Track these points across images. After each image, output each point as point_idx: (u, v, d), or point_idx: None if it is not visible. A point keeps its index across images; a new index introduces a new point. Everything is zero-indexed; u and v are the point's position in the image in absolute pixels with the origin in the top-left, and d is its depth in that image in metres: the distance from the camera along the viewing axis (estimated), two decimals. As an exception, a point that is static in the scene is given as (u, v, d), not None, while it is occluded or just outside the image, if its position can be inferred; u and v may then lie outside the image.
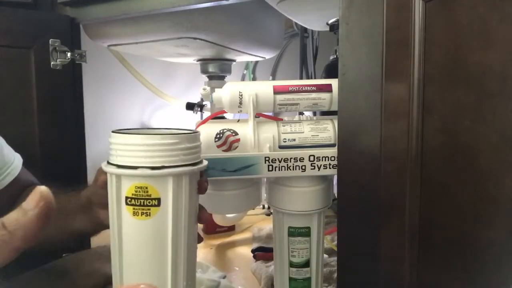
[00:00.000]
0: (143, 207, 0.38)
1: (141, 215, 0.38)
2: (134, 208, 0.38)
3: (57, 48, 0.78)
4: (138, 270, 0.40)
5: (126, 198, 0.38)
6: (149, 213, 0.38)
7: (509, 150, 0.32)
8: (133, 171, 0.37)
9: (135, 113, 1.44)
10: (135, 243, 0.39)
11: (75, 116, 0.83)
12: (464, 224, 0.36)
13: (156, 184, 0.37)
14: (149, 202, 0.38)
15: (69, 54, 0.79)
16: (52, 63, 0.77)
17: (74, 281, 0.59)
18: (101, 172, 0.41)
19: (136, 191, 0.37)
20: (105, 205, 0.40)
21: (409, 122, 0.40)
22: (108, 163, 0.39)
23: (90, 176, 1.00)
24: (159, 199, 0.38)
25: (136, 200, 0.38)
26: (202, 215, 0.45)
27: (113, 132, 0.40)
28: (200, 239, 0.47)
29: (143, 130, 0.45)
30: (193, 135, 0.41)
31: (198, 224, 0.45)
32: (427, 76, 0.38)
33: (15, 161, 0.55)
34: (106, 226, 0.43)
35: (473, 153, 0.35)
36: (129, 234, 0.39)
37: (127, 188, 0.38)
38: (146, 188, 0.37)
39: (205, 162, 0.43)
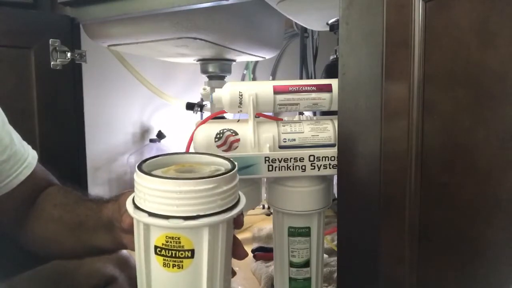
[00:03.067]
0: (174, 259, 0.34)
1: (173, 267, 0.34)
2: (164, 259, 0.34)
3: (57, 48, 0.78)
4: None
5: (156, 247, 0.34)
6: (182, 265, 0.34)
7: (509, 150, 0.32)
8: (163, 221, 0.33)
9: (135, 113, 1.44)
10: None
11: (75, 116, 0.83)
12: (464, 223, 0.36)
13: (189, 235, 0.33)
14: (181, 254, 0.33)
15: (69, 54, 0.79)
16: (52, 63, 0.77)
17: (74, 281, 0.59)
18: (126, 211, 0.37)
19: (167, 241, 0.33)
20: (129, 231, 0.37)
21: (409, 122, 0.40)
22: (134, 205, 0.35)
23: (90, 176, 1.00)
24: (192, 251, 0.34)
25: (167, 251, 0.34)
26: (238, 252, 0.40)
27: (139, 169, 0.35)
28: (233, 273, 0.42)
29: (171, 158, 0.39)
30: (232, 174, 0.35)
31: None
32: (427, 76, 0.38)
33: (29, 157, 0.52)
34: (130, 248, 0.40)
35: (473, 153, 0.35)
36: (159, 286, 0.35)
37: (157, 237, 0.34)
38: (179, 238, 0.33)
39: (243, 200, 0.37)
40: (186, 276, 0.34)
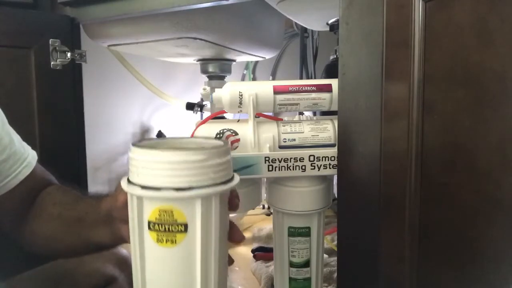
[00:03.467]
0: (168, 233, 0.34)
1: (166, 242, 0.34)
2: (158, 234, 0.34)
3: (57, 48, 0.78)
4: None
5: (149, 222, 0.34)
6: (175, 240, 0.34)
7: (509, 150, 0.32)
8: (155, 193, 0.33)
9: (135, 113, 1.44)
10: (159, 272, 0.35)
11: (75, 116, 0.83)
12: (464, 223, 0.36)
13: (182, 207, 0.33)
14: (174, 228, 0.34)
15: (69, 54, 0.79)
16: (52, 63, 0.77)
17: (74, 281, 0.59)
18: (121, 190, 0.38)
19: (160, 215, 0.33)
20: (127, 221, 0.37)
21: (409, 122, 0.40)
22: (129, 181, 0.35)
23: (90, 176, 1.00)
24: (185, 225, 0.34)
25: (160, 226, 0.34)
26: (234, 235, 0.40)
27: (133, 145, 0.35)
28: (230, 261, 0.42)
29: (166, 140, 0.40)
30: (224, 149, 0.36)
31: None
32: (427, 76, 0.38)
33: (28, 157, 0.53)
34: (127, 241, 0.40)
35: (473, 153, 0.35)
36: (153, 262, 0.35)
37: (150, 211, 0.34)
38: (171, 212, 0.33)
39: (237, 178, 0.38)
40: (180, 251, 0.34)
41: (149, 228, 0.34)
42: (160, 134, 1.45)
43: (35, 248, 0.53)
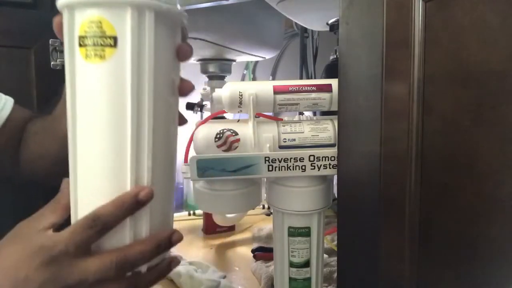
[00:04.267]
0: (96, 47, 0.32)
1: (94, 57, 0.32)
2: (87, 49, 0.32)
3: (57, 48, 0.78)
4: (92, 129, 0.34)
5: (79, 38, 0.33)
6: (104, 55, 0.32)
7: (509, 150, 0.32)
8: None
9: (135, 113, 1.44)
10: (88, 93, 0.34)
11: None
12: (464, 224, 0.36)
13: (112, 18, 0.32)
14: (103, 41, 0.32)
15: (69, 54, 0.79)
16: (52, 63, 0.77)
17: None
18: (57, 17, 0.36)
19: (89, 28, 0.32)
20: None
21: (409, 122, 0.40)
22: None
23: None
24: (115, 38, 0.32)
25: (88, 39, 0.32)
26: (184, 85, 0.40)
27: None
28: (183, 120, 0.43)
29: None
30: None
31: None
32: (427, 76, 0.38)
33: (7, 102, 0.58)
34: None
35: (473, 153, 0.35)
36: (82, 83, 0.34)
37: (80, 24, 0.32)
38: (100, 23, 0.32)
39: (185, 14, 0.36)
40: (109, 68, 0.33)
41: (79, 45, 0.33)
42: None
43: (26, 175, 0.58)
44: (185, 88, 0.41)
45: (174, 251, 0.97)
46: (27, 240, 0.34)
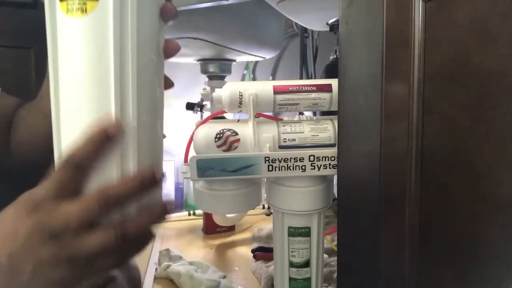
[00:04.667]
0: (77, 1, 0.31)
1: (76, 11, 0.31)
2: (67, 4, 0.31)
3: (57, 48, 0.78)
4: (74, 84, 0.33)
5: None
6: (85, 8, 0.31)
7: (509, 150, 0.32)
8: None
9: (135, 113, 1.44)
10: (70, 48, 0.33)
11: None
12: (464, 224, 0.36)
13: None
14: None
15: (69, 54, 0.79)
16: (52, 63, 0.77)
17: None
18: None
19: None
20: None
21: (409, 122, 0.40)
22: None
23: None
24: None
25: None
26: (169, 45, 0.39)
27: None
28: (170, 84, 0.42)
29: None
30: None
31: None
32: (427, 76, 0.38)
33: None
34: None
35: (473, 153, 0.35)
36: (63, 39, 0.33)
37: None
38: None
39: None
40: (91, 22, 0.32)
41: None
42: (160, 134, 1.45)
43: (28, 158, 0.56)
44: (171, 47, 0.39)
45: (174, 251, 0.97)
46: (18, 200, 0.34)
